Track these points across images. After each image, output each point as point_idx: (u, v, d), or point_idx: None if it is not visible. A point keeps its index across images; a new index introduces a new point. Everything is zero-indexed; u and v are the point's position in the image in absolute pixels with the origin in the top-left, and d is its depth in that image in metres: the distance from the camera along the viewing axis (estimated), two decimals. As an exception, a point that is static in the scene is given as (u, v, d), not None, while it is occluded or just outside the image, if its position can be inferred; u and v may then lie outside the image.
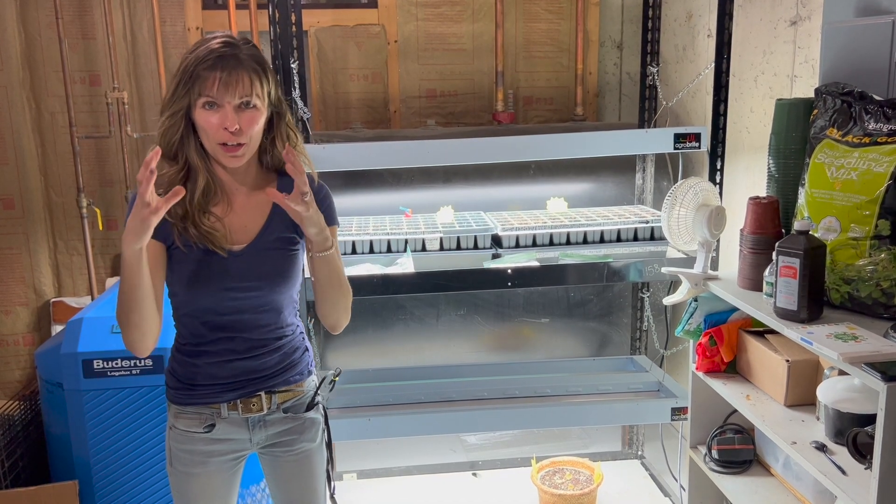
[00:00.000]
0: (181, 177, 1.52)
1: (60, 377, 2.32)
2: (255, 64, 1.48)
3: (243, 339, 1.58)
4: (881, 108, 1.70)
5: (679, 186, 2.09)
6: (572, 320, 3.17)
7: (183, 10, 3.20)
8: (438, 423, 2.64)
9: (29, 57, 3.16)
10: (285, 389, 1.65)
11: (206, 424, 1.61)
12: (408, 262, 2.48)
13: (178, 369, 1.63)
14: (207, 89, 1.44)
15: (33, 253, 3.29)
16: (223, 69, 1.44)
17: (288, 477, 1.71)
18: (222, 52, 1.45)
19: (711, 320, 2.09)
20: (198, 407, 1.61)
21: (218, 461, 1.64)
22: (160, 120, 1.51)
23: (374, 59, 3.31)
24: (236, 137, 1.46)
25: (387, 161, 2.63)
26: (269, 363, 1.62)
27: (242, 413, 1.61)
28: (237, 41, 1.49)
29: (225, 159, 1.50)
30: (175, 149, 1.51)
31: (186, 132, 1.50)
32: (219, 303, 1.54)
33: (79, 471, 2.35)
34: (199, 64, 1.45)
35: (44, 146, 3.24)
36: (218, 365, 1.59)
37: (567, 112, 3.41)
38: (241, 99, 1.45)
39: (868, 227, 1.63)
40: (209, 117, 1.46)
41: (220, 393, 1.60)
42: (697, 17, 2.87)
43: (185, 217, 1.51)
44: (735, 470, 2.10)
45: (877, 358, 1.42)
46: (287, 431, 1.67)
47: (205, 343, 1.58)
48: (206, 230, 1.51)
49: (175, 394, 1.63)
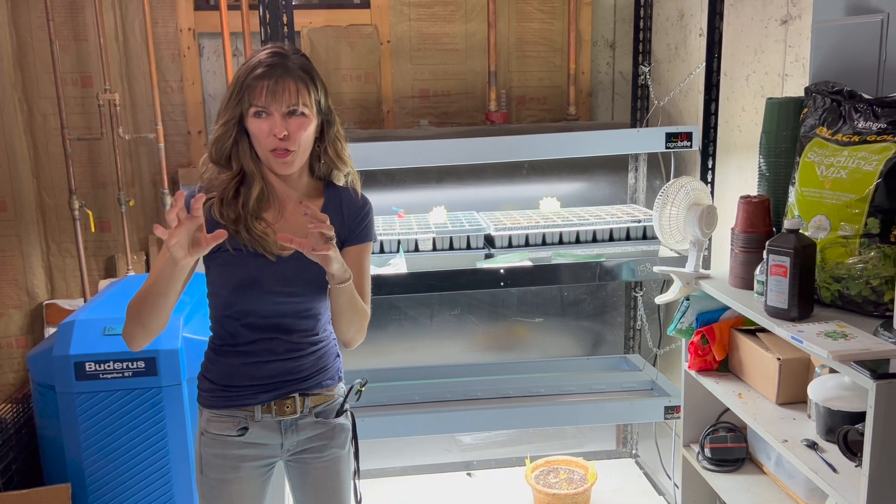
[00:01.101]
0: (234, 183, 1.57)
1: (52, 380, 2.31)
2: (303, 73, 1.53)
3: (282, 342, 1.61)
4: (870, 107, 1.70)
5: (670, 186, 2.09)
6: (566, 320, 3.17)
7: (175, 11, 3.19)
8: (433, 423, 2.64)
9: (20, 58, 3.15)
10: (318, 393, 1.67)
11: (240, 427, 1.62)
12: (401, 263, 2.48)
13: (213, 370, 1.64)
14: (256, 98, 1.50)
15: (26, 255, 3.28)
16: (271, 78, 1.50)
17: (316, 485, 1.72)
18: (271, 61, 1.51)
19: (703, 319, 2.10)
20: (231, 410, 1.62)
21: (250, 467, 1.64)
22: (214, 129, 1.57)
23: (367, 59, 3.30)
24: (285, 143, 1.51)
25: (380, 161, 2.63)
26: (305, 365, 1.65)
27: (276, 416, 1.63)
28: (286, 51, 1.55)
29: (277, 165, 1.55)
30: (227, 155, 1.57)
31: (240, 139, 1.56)
32: (262, 306, 1.57)
33: (71, 473, 2.34)
34: (249, 74, 1.51)
35: (36, 148, 3.23)
36: (256, 365, 1.61)
37: (560, 112, 3.41)
38: (288, 107, 1.51)
39: (858, 225, 1.63)
40: (259, 125, 1.51)
41: (256, 394, 1.61)
42: (689, 17, 2.88)
43: (238, 221, 1.55)
44: (728, 468, 2.11)
45: (867, 356, 1.42)
46: (317, 437, 1.68)
47: (243, 343, 1.60)
48: (258, 234, 1.55)
49: (209, 397, 1.64)
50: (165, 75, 3.24)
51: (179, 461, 2.35)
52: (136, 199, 3.31)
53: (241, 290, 1.56)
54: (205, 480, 1.65)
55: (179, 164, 3.31)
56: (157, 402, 2.31)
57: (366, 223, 1.68)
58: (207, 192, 1.57)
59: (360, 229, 1.67)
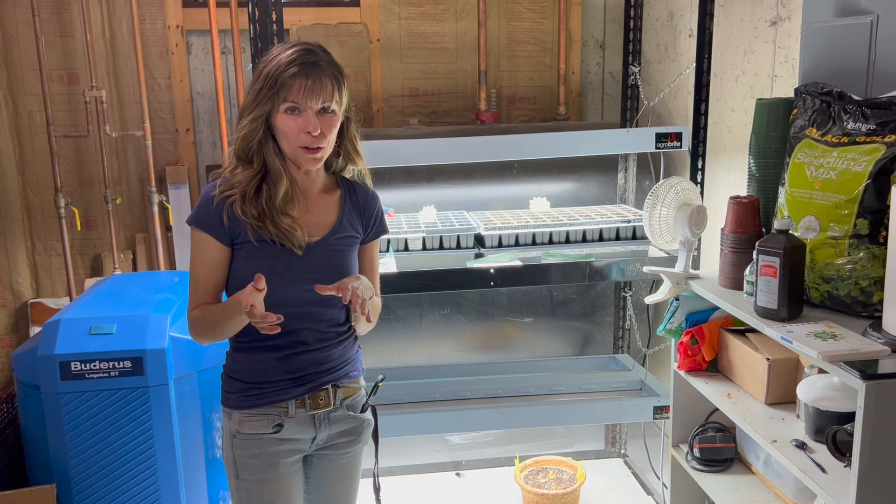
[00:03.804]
0: (256, 180, 1.58)
1: (37, 379, 2.28)
2: (335, 71, 1.56)
3: (311, 331, 1.63)
4: (860, 108, 1.71)
5: (660, 186, 2.09)
6: (555, 319, 3.17)
7: (163, 8, 3.17)
8: (422, 423, 2.63)
9: (6, 55, 3.12)
10: (347, 385, 1.70)
11: (275, 424, 1.62)
12: (390, 262, 2.47)
13: (241, 370, 1.64)
14: (293, 95, 1.51)
15: (11, 254, 3.24)
16: (307, 76, 1.51)
17: (333, 481, 1.74)
18: (305, 59, 1.52)
19: (693, 319, 2.10)
20: (265, 408, 1.63)
21: (286, 463, 1.65)
22: (239, 125, 1.58)
23: (357, 57, 3.29)
24: (317, 141, 1.54)
25: (369, 160, 2.55)
26: (335, 355, 1.67)
27: (310, 409, 1.64)
28: (315, 49, 1.56)
29: (306, 161, 1.57)
30: (252, 152, 1.58)
31: (265, 136, 1.57)
32: (291, 295, 1.58)
33: (56, 474, 2.32)
34: (283, 71, 1.51)
35: (21, 145, 3.20)
36: (288, 358, 1.62)
37: (550, 111, 3.41)
38: (322, 104, 1.53)
39: (847, 226, 1.64)
40: (290, 122, 1.53)
41: (289, 388, 1.63)
42: (679, 17, 2.88)
43: (262, 216, 1.57)
44: (716, 468, 2.11)
45: (856, 356, 1.43)
46: (347, 432, 1.71)
47: (272, 337, 1.58)
48: (285, 229, 1.58)
49: (240, 397, 1.64)
50: (153, 72, 3.22)
51: (166, 462, 2.33)
52: (123, 198, 3.28)
53: (272, 279, 1.54)
54: (242, 485, 1.65)
55: (167, 161, 3.28)
56: (143, 402, 2.29)
57: (382, 217, 1.76)
58: (228, 188, 1.59)
59: (377, 224, 1.74)
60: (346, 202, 1.70)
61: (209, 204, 1.59)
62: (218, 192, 1.59)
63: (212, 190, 1.61)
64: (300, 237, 1.59)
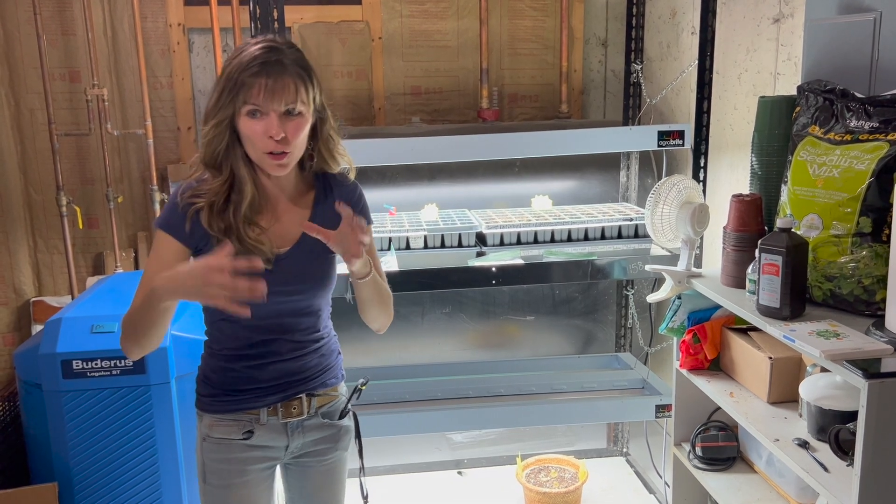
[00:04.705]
0: (225, 189, 1.49)
1: (39, 378, 2.28)
2: (300, 69, 1.45)
3: (284, 342, 1.56)
4: (863, 106, 1.70)
5: (662, 184, 2.09)
6: (557, 318, 3.17)
7: (164, 6, 3.16)
8: (423, 421, 2.63)
9: (7, 53, 3.12)
10: (323, 393, 1.64)
11: (245, 431, 1.57)
12: (392, 261, 2.47)
13: (214, 376, 1.59)
14: (253, 97, 1.41)
15: (13, 252, 3.25)
16: (268, 76, 1.41)
17: (316, 488, 1.69)
18: (266, 57, 1.42)
19: (695, 318, 2.09)
20: (235, 413, 1.57)
21: (255, 470, 1.60)
22: (204, 130, 1.47)
23: (359, 55, 3.29)
24: (281, 146, 1.44)
25: (371, 158, 2.61)
26: (309, 364, 1.61)
27: (282, 418, 1.58)
28: (281, 45, 1.46)
29: (271, 168, 1.47)
30: (220, 159, 1.48)
31: (232, 142, 1.47)
32: (261, 308, 1.48)
33: (58, 472, 2.32)
34: (243, 71, 1.41)
35: (23, 143, 3.20)
36: (259, 368, 1.56)
37: (552, 109, 3.40)
38: (286, 106, 1.43)
39: (850, 224, 1.63)
40: (254, 125, 1.43)
41: (261, 397, 1.57)
42: (681, 15, 2.87)
43: (229, 230, 1.47)
44: (719, 467, 2.10)
45: (858, 355, 1.42)
46: (323, 439, 1.65)
47: (245, 346, 1.55)
48: (251, 244, 1.48)
49: (211, 402, 1.59)
50: (154, 71, 3.21)
51: (168, 460, 2.33)
52: (125, 196, 3.28)
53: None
54: (208, 489, 1.60)
55: (168, 160, 3.28)
56: (145, 400, 2.29)
57: (360, 207, 1.64)
58: (194, 195, 1.50)
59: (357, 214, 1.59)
60: (321, 204, 1.59)
61: (175, 208, 1.51)
62: (181, 200, 1.50)
63: (177, 194, 1.52)
64: (267, 251, 1.49)
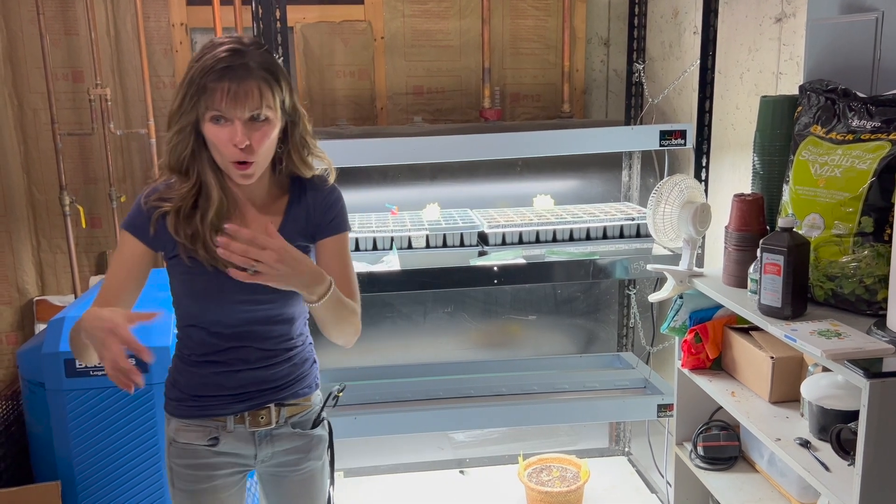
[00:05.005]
0: (193, 194, 1.44)
1: (42, 377, 2.29)
2: (266, 72, 1.38)
3: (254, 350, 1.51)
4: (865, 106, 1.70)
5: (664, 184, 2.09)
6: (559, 317, 3.17)
7: (167, 6, 3.17)
8: (425, 420, 2.63)
9: (10, 53, 3.13)
10: (294, 403, 1.59)
11: (210, 437, 1.54)
12: (394, 260, 2.47)
13: (181, 380, 1.55)
14: (216, 103, 1.34)
15: (16, 251, 3.25)
16: (231, 80, 1.34)
17: (292, 497, 1.65)
18: (230, 61, 1.35)
19: (697, 317, 2.09)
20: (202, 420, 1.54)
21: (222, 475, 1.57)
22: (168, 135, 1.42)
23: (361, 55, 3.29)
24: (246, 154, 1.38)
25: (373, 158, 2.62)
26: (280, 374, 1.56)
27: (250, 426, 1.55)
28: (246, 47, 1.38)
29: (236, 177, 1.42)
30: (186, 165, 1.43)
31: (197, 147, 1.41)
32: (228, 316, 1.48)
33: (61, 471, 2.33)
34: (205, 75, 1.35)
35: (26, 143, 3.20)
36: (226, 375, 1.52)
37: (554, 109, 3.41)
38: (251, 112, 1.36)
39: (851, 223, 1.63)
40: (218, 132, 1.37)
41: (228, 404, 1.53)
42: (683, 14, 2.87)
43: (195, 237, 1.43)
44: (720, 466, 2.11)
45: (860, 354, 1.42)
46: (294, 449, 1.61)
47: (212, 353, 1.51)
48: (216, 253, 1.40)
49: (178, 406, 1.55)
50: (157, 70, 3.22)
51: (170, 459, 2.34)
52: (128, 195, 3.28)
53: (205, 301, 1.47)
54: (177, 493, 1.57)
55: (171, 160, 3.29)
56: (147, 399, 2.30)
57: (335, 213, 1.54)
58: (163, 198, 1.45)
59: (329, 220, 1.54)
60: (293, 208, 1.53)
61: (139, 210, 1.48)
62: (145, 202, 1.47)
63: (143, 196, 1.49)
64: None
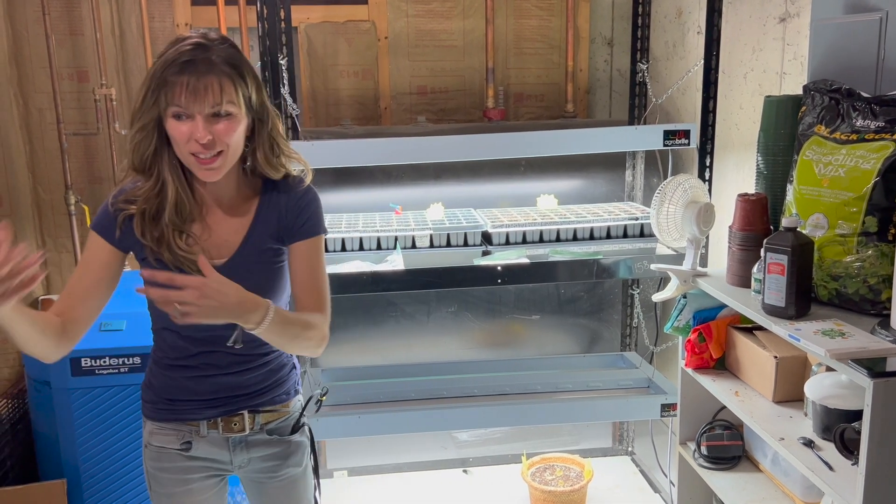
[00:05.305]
0: (156, 192, 1.41)
1: (48, 375, 2.30)
2: (229, 67, 1.34)
3: (225, 354, 1.46)
4: (869, 105, 1.70)
5: (668, 183, 2.09)
6: (562, 317, 3.17)
7: (172, 6, 3.18)
8: (429, 419, 2.63)
9: (16, 53, 3.14)
10: (270, 409, 1.56)
11: (183, 442, 1.52)
12: (398, 260, 2.48)
13: (155, 383, 1.54)
14: (175, 98, 1.31)
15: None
16: (191, 74, 1.31)
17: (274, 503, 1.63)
18: (192, 55, 1.31)
19: (700, 317, 2.09)
20: (175, 423, 1.53)
21: (198, 478, 1.55)
22: (130, 133, 1.40)
23: (365, 55, 3.29)
24: (208, 150, 1.34)
25: (377, 158, 2.62)
26: (253, 380, 1.53)
27: (223, 432, 1.52)
28: (211, 41, 1.35)
29: (200, 172, 1.39)
30: (148, 164, 1.40)
31: (160, 145, 1.39)
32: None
33: (67, 469, 2.34)
34: (166, 69, 1.32)
35: (31, 143, 3.22)
36: (197, 380, 1.50)
37: (558, 109, 3.41)
38: (212, 108, 1.33)
39: (855, 223, 1.63)
40: (179, 128, 1.33)
41: (200, 409, 1.52)
42: (687, 14, 2.87)
43: (161, 239, 1.41)
44: (724, 466, 2.11)
45: (864, 354, 1.42)
46: (272, 456, 1.58)
47: (184, 357, 1.49)
48: (181, 255, 1.41)
49: (151, 408, 1.55)
50: (162, 70, 3.22)
51: (175, 457, 2.35)
52: (133, 195, 3.29)
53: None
54: (154, 496, 1.57)
55: (176, 159, 3.30)
56: (153, 398, 2.30)
57: (308, 216, 1.49)
58: (129, 199, 1.43)
59: (301, 224, 1.49)
60: (264, 210, 1.48)
61: (106, 211, 1.46)
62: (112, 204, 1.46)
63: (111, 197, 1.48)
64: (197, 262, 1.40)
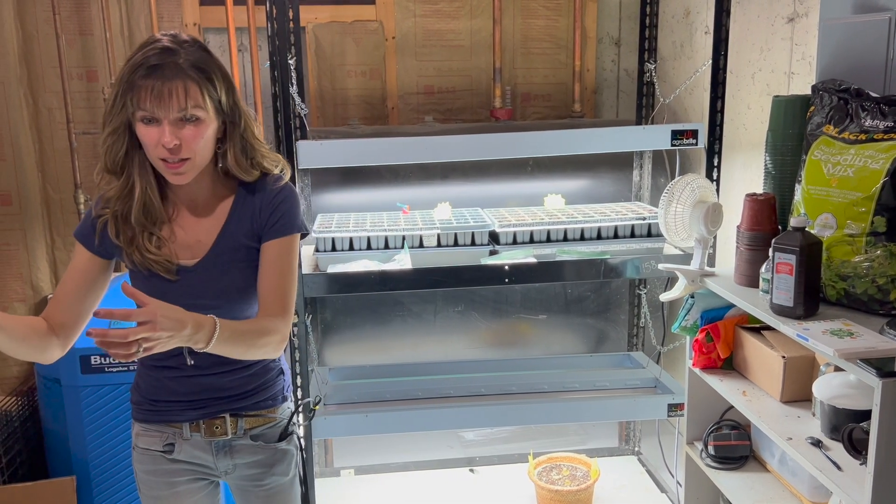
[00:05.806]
0: (126, 193, 1.42)
1: (58, 373, 2.32)
2: (196, 71, 1.33)
3: (205, 355, 1.39)
4: (877, 105, 1.70)
5: (676, 183, 2.09)
6: (569, 317, 3.17)
7: (180, 6, 3.19)
8: (436, 418, 2.64)
9: (26, 52, 3.16)
10: (254, 414, 1.55)
11: (166, 443, 1.53)
12: (405, 259, 2.48)
13: (141, 384, 1.56)
14: (142, 102, 1.31)
15: (30, 249, 3.29)
16: (157, 79, 1.30)
17: None
18: (159, 59, 1.31)
19: (708, 317, 2.09)
20: (160, 425, 1.53)
21: (185, 481, 1.55)
22: (102, 136, 1.39)
23: (372, 55, 3.30)
24: (175, 154, 1.34)
25: (384, 157, 2.63)
26: (235, 382, 1.52)
27: (205, 436, 1.52)
28: (179, 44, 1.34)
29: (169, 176, 1.39)
30: (120, 166, 1.41)
31: (131, 147, 1.39)
32: None
33: (76, 466, 2.35)
34: (133, 73, 1.32)
35: (41, 142, 3.23)
36: (178, 380, 1.50)
37: (565, 109, 3.41)
38: (178, 112, 1.32)
39: (864, 223, 1.63)
40: (148, 132, 1.34)
41: (182, 411, 1.52)
42: (695, 14, 2.87)
43: (133, 240, 1.43)
44: (731, 465, 2.11)
45: (872, 354, 1.42)
46: (256, 463, 1.57)
47: (167, 357, 1.43)
48: (150, 258, 1.42)
49: (137, 409, 1.56)
50: (171, 70, 3.24)
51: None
52: (141, 194, 3.31)
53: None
54: (144, 499, 1.57)
55: (184, 158, 3.31)
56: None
57: (281, 214, 1.47)
58: (105, 205, 1.44)
59: (274, 222, 1.46)
60: (238, 209, 1.47)
61: (88, 218, 1.48)
62: (94, 211, 1.47)
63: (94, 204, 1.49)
64: (167, 263, 1.43)
